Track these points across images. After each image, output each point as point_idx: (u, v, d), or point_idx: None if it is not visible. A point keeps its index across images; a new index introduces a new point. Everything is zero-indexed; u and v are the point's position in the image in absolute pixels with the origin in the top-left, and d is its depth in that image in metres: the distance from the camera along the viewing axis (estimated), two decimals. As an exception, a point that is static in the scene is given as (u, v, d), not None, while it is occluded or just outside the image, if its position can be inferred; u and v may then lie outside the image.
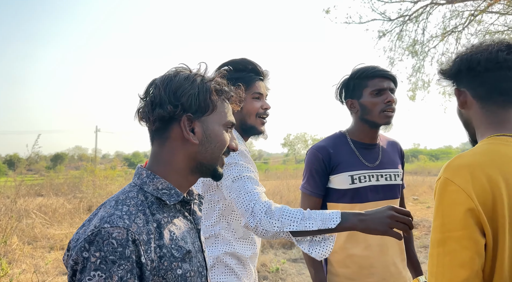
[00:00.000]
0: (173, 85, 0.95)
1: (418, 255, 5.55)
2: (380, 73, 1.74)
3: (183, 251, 0.91)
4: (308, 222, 1.28)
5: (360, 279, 1.71)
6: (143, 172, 0.96)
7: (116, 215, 0.83)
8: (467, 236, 1.00)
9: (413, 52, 9.94)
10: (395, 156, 1.88)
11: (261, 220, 1.33)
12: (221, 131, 1.00)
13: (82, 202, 9.35)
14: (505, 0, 8.58)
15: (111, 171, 13.45)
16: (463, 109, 1.21)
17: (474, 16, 9.28)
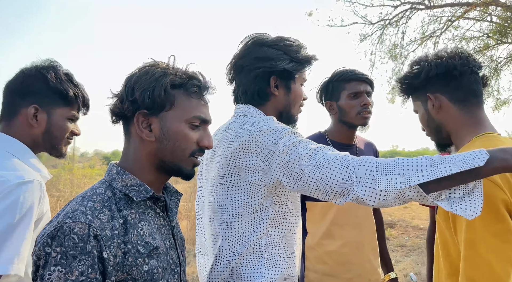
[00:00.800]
0: (132, 80, 0.94)
1: (395, 254, 5.71)
2: (357, 77, 1.79)
3: (149, 247, 0.90)
4: (442, 167, 0.96)
5: (337, 275, 1.74)
6: (113, 169, 0.96)
7: (79, 211, 0.84)
8: (506, 229, 0.98)
9: (393, 55, 10.14)
10: (369, 153, 1.95)
11: (376, 181, 1.01)
12: (182, 128, 0.96)
13: (59, 201, 9.15)
14: (480, 7, 8.86)
15: (89, 170, 13.22)
16: (436, 114, 1.23)
17: (451, 21, 9.55)
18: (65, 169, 13.14)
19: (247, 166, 1.21)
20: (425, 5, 9.54)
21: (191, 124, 0.97)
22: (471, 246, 0.99)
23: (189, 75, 0.98)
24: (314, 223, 1.79)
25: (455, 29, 9.74)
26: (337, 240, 1.75)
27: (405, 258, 5.58)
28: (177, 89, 0.95)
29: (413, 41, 10.06)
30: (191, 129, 0.97)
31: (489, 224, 0.98)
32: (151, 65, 0.98)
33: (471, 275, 0.98)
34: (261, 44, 1.33)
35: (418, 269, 4.96)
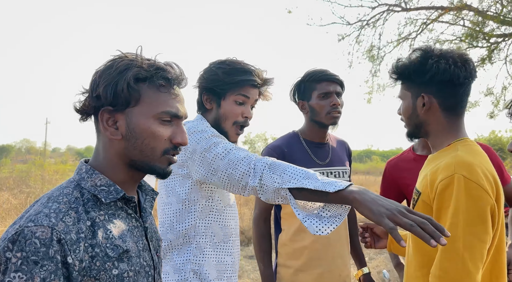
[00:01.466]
0: (97, 75, 0.88)
1: (369, 251, 5.81)
2: (328, 77, 1.83)
3: (119, 251, 0.86)
4: (308, 181, 1.08)
5: (308, 270, 1.79)
6: (82, 167, 0.91)
7: (42, 213, 0.79)
8: (484, 231, 1.06)
9: (370, 56, 10.31)
10: (343, 155, 1.99)
11: (263, 175, 1.17)
12: (150, 124, 0.89)
13: (30, 197, 8.87)
14: (454, 11, 9.12)
15: (61, 166, 12.88)
16: (423, 113, 1.26)
17: (426, 24, 9.79)
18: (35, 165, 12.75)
19: (179, 161, 1.40)
20: (401, 7, 9.74)
21: (161, 119, 0.90)
22: (451, 241, 1.05)
23: (156, 67, 0.89)
24: (287, 220, 1.84)
25: (430, 31, 9.99)
26: (309, 236, 1.78)
27: (379, 255, 5.69)
28: (143, 82, 0.88)
29: (389, 43, 10.26)
30: (161, 125, 0.90)
31: (471, 224, 1.06)
32: (118, 57, 0.90)
33: (445, 267, 1.06)
34: (211, 64, 1.55)
35: (390, 266, 5.07)
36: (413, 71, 1.24)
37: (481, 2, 9.09)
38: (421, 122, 1.28)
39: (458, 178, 1.09)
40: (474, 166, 1.11)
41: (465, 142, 1.22)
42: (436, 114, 1.25)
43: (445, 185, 1.11)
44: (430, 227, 0.87)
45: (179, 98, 0.94)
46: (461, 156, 1.14)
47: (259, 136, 39.63)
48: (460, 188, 1.08)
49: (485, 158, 1.18)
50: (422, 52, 1.25)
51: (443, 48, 1.26)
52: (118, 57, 0.91)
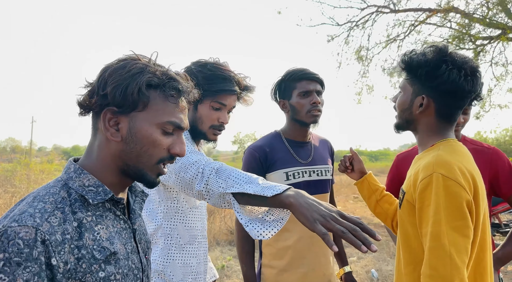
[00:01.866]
0: (107, 73, 0.86)
1: (357, 251, 5.83)
2: (308, 76, 1.85)
3: (106, 253, 0.84)
4: (248, 185, 1.09)
5: (292, 270, 1.80)
6: (71, 167, 0.89)
7: (27, 213, 0.77)
8: (466, 225, 1.11)
9: (358, 57, 10.39)
10: (326, 153, 2.01)
11: (209, 179, 1.18)
12: (152, 131, 0.88)
13: (15, 197, 8.71)
14: (441, 13, 9.24)
15: (47, 165, 12.67)
16: (417, 113, 1.29)
17: (414, 26, 9.90)
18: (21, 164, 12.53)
19: None
20: (390, 9, 9.83)
21: (163, 129, 0.89)
22: (436, 238, 1.10)
23: (169, 76, 0.89)
24: None
25: (418, 33, 10.10)
26: (293, 236, 1.81)
27: (367, 255, 5.73)
28: (154, 89, 0.88)
29: (378, 44, 10.35)
30: (162, 135, 0.90)
31: (452, 220, 1.10)
32: (131, 58, 0.90)
33: (434, 264, 1.10)
34: (192, 64, 1.54)
35: (379, 266, 5.11)
36: (425, 72, 1.24)
37: (467, 4, 9.23)
38: (413, 119, 1.31)
39: (436, 177, 1.13)
40: (452, 164, 1.15)
41: (448, 142, 1.26)
42: (429, 117, 1.28)
43: (425, 184, 1.15)
44: (361, 233, 0.88)
45: (184, 109, 0.94)
46: (440, 155, 1.19)
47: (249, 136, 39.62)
48: (439, 186, 1.12)
49: (465, 158, 1.23)
50: (438, 53, 1.24)
51: (459, 53, 1.25)
52: (131, 58, 0.90)
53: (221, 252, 5.77)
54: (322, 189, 1.91)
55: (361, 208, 9.97)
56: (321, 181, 1.91)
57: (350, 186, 13.69)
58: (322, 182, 1.91)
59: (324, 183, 1.93)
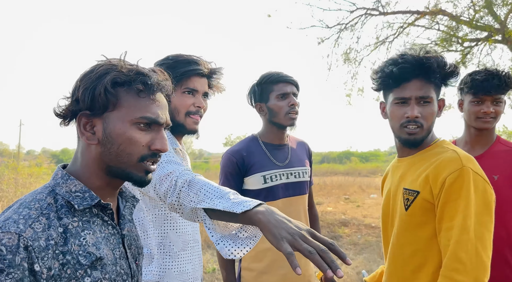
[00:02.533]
0: (79, 79, 0.88)
1: (348, 252, 5.87)
2: (284, 79, 1.88)
3: (92, 258, 0.84)
4: (219, 201, 1.03)
5: (272, 272, 1.82)
6: (58, 173, 0.90)
7: (11, 219, 0.78)
8: (491, 221, 1.14)
9: (347, 59, 10.44)
10: (303, 155, 2.04)
11: (181, 192, 1.12)
12: (126, 129, 0.87)
13: (2, 201, 8.58)
14: (429, 16, 9.35)
15: (36, 168, 12.50)
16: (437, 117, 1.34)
17: (403, 28, 9.99)
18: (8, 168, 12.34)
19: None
20: (379, 11, 9.91)
21: (138, 125, 0.88)
22: (465, 232, 1.11)
23: (135, 72, 0.88)
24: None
25: (406, 35, 10.20)
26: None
27: (358, 256, 5.76)
28: (121, 86, 0.87)
29: (367, 46, 10.42)
30: (139, 131, 0.88)
31: (480, 215, 1.12)
32: (100, 62, 0.91)
33: (460, 256, 1.10)
34: (155, 63, 1.51)
35: (370, 267, 5.14)
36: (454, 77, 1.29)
37: (455, 7, 9.36)
38: (432, 127, 1.33)
39: (467, 171, 1.15)
40: (476, 162, 1.19)
41: (446, 142, 1.31)
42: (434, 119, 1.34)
43: (454, 178, 1.15)
44: (329, 256, 0.81)
45: (161, 104, 0.92)
46: (460, 152, 1.21)
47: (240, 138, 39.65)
48: (469, 180, 1.14)
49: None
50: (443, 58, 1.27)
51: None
52: (101, 62, 0.90)
53: (212, 255, 5.74)
54: (299, 190, 1.94)
55: (351, 209, 10.02)
56: (298, 182, 1.94)
57: (341, 187, 13.76)
58: (299, 184, 1.94)
59: (302, 185, 1.96)
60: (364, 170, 24.34)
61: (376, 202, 10.93)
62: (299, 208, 1.93)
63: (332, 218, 8.38)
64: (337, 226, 7.59)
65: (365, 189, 13.82)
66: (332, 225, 7.65)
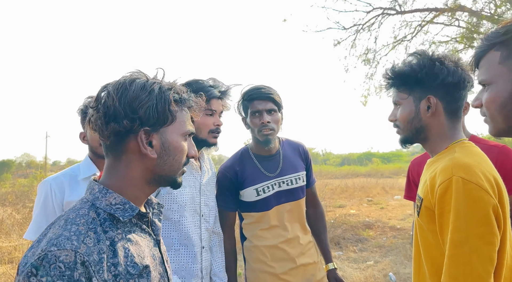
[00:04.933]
0: (129, 95, 0.89)
1: (374, 255, 5.81)
2: (258, 96, 1.93)
3: (139, 268, 0.89)
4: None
5: (272, 271, 1.97)
6: (95, 187, 0.93)
7: (63, 237, 0.80)
8: (490, 232, 1.03)
9: (365, 60, 10.36)
10: (297, 160, 2.09)
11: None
12: (180, 141, 0.97)
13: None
14: (448, 13, 9.19)
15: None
16: (427, 117, 1.26)
17: (421, 26, 9.85)
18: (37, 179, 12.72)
19: None
20: (396, 10, 9.81)
21: (185, 137, 0.99)
22: (456, 246, 1.04)
23: (182, 90, 0.99)
24: (247, 229, 2.05)
25: (425, 33, 10.05)
26: (268, 240, 1.98)
27: (384, 258, 5.68)
28: (177, 104, 0.96)
29: (385, 46, 10.32)
30: (185, 142, 0.99)
31: (474, 227, 1.03)
32: (139, 76, 0.95)
33: (454, 273, 1.03)
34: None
35: (396, 269, 5.07)
36: (425, 73, 1.23)
37: (475, 2, 9.18)
38: (423, 126, 1.27)
39: (456, 180, 1.07)
40: (472, 167, 1.10)
41: (462, 144, 1.22)
42: (440, 117, 1.25)
43: (444, 188, 1.09)
44: None
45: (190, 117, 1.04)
46: (458, 158, 1.14)
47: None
48: (459, 190, 1.06)
49: (483, 158, 1.18)
50: (422, 56, 1.25)
51: (437, 53, 1.28)
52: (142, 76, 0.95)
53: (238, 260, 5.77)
54: (293, 197, 2.03)
55: (375, 211, 9.90)
56: (291, 190, 2.03)
57: (363, 189, 13.59)
58: (292, 191, 2.03)
59: (295, 191, 2.04)
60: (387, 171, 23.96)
61: (400, 203, 10.75)
62: (293, 212, 2.03)
63: (355, 220, 8.29)
64: (361, 229, 7.50)
65: (389, 190, 13.61)
66: (356, 228, 7.57)
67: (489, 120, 0.96)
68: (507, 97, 0.89)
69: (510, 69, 0.88)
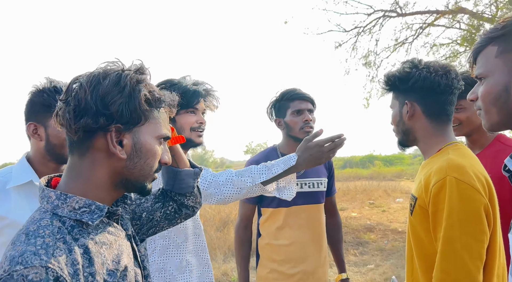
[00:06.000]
0: (101, 89, 0.81)
1: (375, 258, 5.78)
2: (300, 96, 2.06)
3: (116, 274, 0.83)
4: (274, 169, 1.53)
5: (284, 271, 2.02)
6: (51, 194, 0.81)
7: (29, 252, 0.69)
8: (480, 230, 1.11)
9: (366, 62, 10.35)
10: (321, 166, 2.19)
11: (233, 181, 1.53)
12: (154, 144, 0.88)
13: None
14: (449, 15, 9.18)
15: None
16: (408, 120, 1.34)
17: (422, 29, 9.84)
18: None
19: None
20: (397, 12, 9.80)
21: (159, 140, 0.91)
22: (448, 242, 1.11)
23: (160, 89, 0.93)
24: (265, 226, 2.10)
25: (426, 36, 10.04)
26: (284, 239, 2.03)
27: (385, 261, 5.65)
28: (149, 103, 0.87)
29: (386, 48, 10.31)
30: (159, 146, 0.91)
31: (466, 225, 1.11)
32: (113, 68, 0.86)
33: (445, 267, 1.11)
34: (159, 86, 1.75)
35: (398, 272, 5.03)
36: (398, 79, 1.33)
37: (476, 5, 9.16)
38: (408, 129, 1.36)
39: (450, 180, 1.14)
40: (465, 168, 1.16)
41: (456, 146, 1.29)
42: (421, 120, 1.33)
43: (438, 188, 1.15)
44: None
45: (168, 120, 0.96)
46: (452, 159, 1.20)
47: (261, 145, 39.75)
48: (452, 190, 1.13)
49: (476, 161, 1.25)
50: (409, 63, 1.35)
51: (431, 60, 1.35)
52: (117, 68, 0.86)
53: (237, 264, 5.75)
54: (313, 200, 2.10)
55: (377, 214, 9.85)
56: (312, 192, 2.11)
57: (365, 192, 13.55)
58: (314, 194, 2.11)
59: (316, 195, 2.12)
60: (389, 174, 23.89)
61: (402, 206, 10.71)
62: (312, 216, 2.09)
63: (357, 223, 8.25)
64: (363, 232, 7.47)
65: (390, 193, 13.55)
66: (358, 231, 7.53)
67: (483, 113, 0.96)
68: (502, 89, 0.90)
69: (505, 63, 0.90)
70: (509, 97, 0.88)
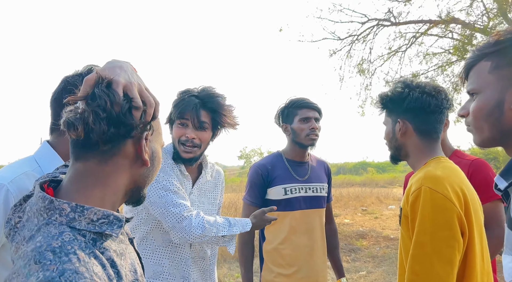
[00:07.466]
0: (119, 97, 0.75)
1: (367, 265, 5.80)
2: (308, 105, 2.16)
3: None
4: (234, 228, 1.71)
5: (289, 276, 2.07)
6: (64, 207, 0.73)
7: (70, 271, 0.63)
8: (452, 236, 1.17)
9: (360, 70, 10.45)
10: (322, 173, 2.29)
11: (205, 229, 1.63)
12: (160, 153, 0.90)
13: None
14: (442, 25, 9.31)
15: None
16: (400, 137, 1.43)
17: (415, 38, 9.97)
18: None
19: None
20: (390, 21, 9.92)
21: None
22: (420, 246, 1.18)
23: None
24: (271, 231, 2.15)
25: (419, 45, 10.17)
26: (290, 245, 2.09)
27: (377, 268, 5.67)
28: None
29: (380, 56, 10.41)
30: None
31: (437, 231, 1.17)
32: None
33: (415, 270, 1.18)
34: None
35: (389, 279, 5.05)
36: (391, 99, 1.43)
37: (468, 15, 9.31)
38: (400, 145, 1.45)
39: (424, 190, 1.22)
40: (440, 179, 1.24)
41: (438, 160, 1.38)
42: (412, 138, 1.41)
43: (415, 197, 1.24)
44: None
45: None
46: (429, 170, 1.29)
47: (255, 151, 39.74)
48: (426, 198, 1.20)
49: (454, 172, 1.33)
50: (402, 84, 1.44)
51: (422, 81, 1.44)
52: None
53: (229, 270, 5.74)
54: (317, 204, 2.19)
55: (369, 221, 9.89)
56: (316, 197, 2.19)
57: (358, 199, 13.59)
58: (317, 198, 2.19)
59: (319, 199, 2.20)
60: (382, 181, 23.99)
61: (394, 213, 10.76)
62: (315, 219, 2.17)
63: (349, 230, 8.28)
64: (355, 239, 7.49)
65: (383, 200, 13.62)
66: (350, 238, 7.56)
67: (474, 129, 0.95)
68: (494, 105, 0.89)
69: (498, 79, 0.89)
70: (501, 114, 0.87)
